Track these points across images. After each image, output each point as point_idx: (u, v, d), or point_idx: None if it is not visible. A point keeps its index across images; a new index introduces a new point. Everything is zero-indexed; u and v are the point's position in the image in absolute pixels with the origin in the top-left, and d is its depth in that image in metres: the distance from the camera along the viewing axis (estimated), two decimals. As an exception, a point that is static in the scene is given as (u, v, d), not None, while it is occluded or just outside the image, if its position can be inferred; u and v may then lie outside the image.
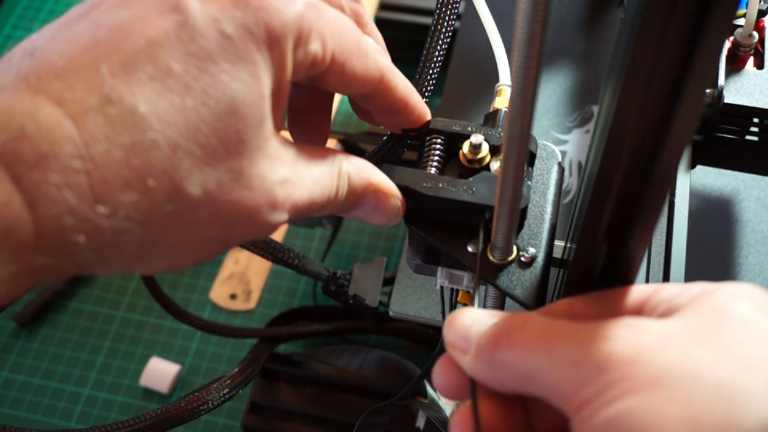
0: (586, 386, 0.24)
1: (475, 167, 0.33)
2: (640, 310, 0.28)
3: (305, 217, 0.29)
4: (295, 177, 0.28)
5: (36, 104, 0.22)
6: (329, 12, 0.28)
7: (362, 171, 0.31)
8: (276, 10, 0.25)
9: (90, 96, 0.23)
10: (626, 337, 0.25)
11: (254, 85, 0.25)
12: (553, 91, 0.61)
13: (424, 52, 0.35)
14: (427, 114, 0.34)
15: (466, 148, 0.33)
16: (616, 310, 0.28)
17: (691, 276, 0.43)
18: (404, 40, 0.71)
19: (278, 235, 0.70)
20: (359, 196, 0.31)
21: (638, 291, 0.28)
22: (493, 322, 0.28)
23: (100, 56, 0.23)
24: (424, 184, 0.32)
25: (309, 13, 0.27)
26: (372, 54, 0.30)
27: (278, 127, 0.28)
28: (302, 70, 0.27)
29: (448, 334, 0.29)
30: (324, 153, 0.30)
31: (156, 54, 0.24)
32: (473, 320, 0.28)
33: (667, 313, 0.26)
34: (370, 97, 0.31)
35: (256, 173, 0.26)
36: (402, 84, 0.32)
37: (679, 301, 0.27)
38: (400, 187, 0.32)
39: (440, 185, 0.32)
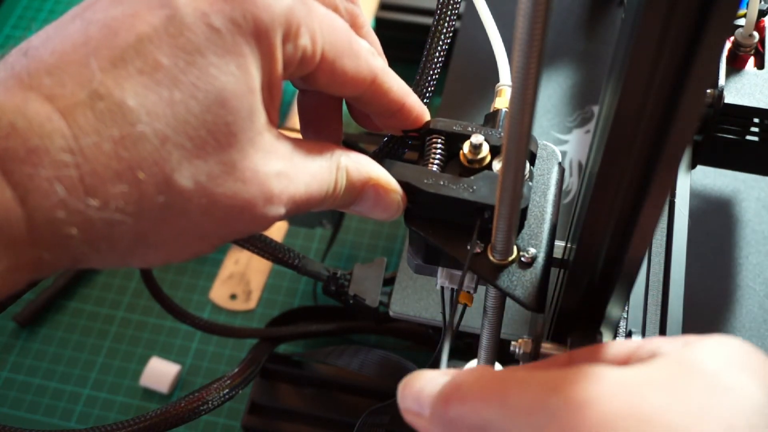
0: None
1: (475, 167, 0.33)
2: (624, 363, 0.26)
3: (304, 211, 0.29)
4: (292, 170, 0.28)
5: (26, 100, 0.23)
6: (319, 9, 0.28)
7: (361, 165, 0.31)
8: (264, 3, 0.26)
9: (79, 91, 0.23)
10: (580, 383, 0.23)
11: (243, 78, 0.25)
12: (553, 91, 0.61)
13: (425, 52, 0.35)
14: (425, 114, 0.34)
15: (466, 148, 0.33)
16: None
17: (691, 276, 0.43)
18: (404, 40, 0.71)
19: (278, 235, 0.70)
20: (358, 191, 0.31)
21: (622, 345, 0.27)
22: (442, 380, 0.27)
23: (90, 52, 0.24)
24: (425, 181, 0.32)
25: (298, 8, 0.27)
26: (364, 54, 0.30)
27: (273, 122, 0.28)
28: (293, 65, 0.27)
29: (403, 401, 0.28)
30: (322, 147, 0.30)
31: (145, 48, 0.24)
32: (426, 381, 0.28)
33: (637, 362, 0.25)
34: (364, 99, 0.31)
35: (249, 166, 0.26)
36: (397, 85, 0.32)
37: (659, 352, 0.25)
38: (401, 183, 0.32)
39: (441, 182, 0.32)
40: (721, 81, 0.46)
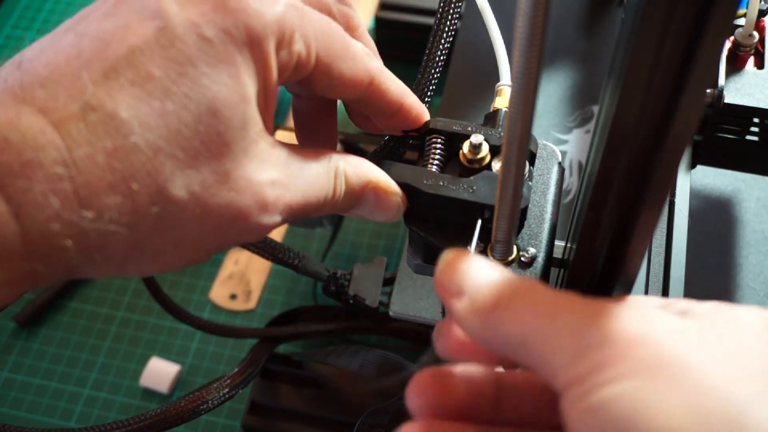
0: (581, 359, 0.23)
1: (475, 167, 0.33)
2: None
3: (303, 217, 0.29)
4: (287, 178, 0.28)
5: (19, 114, 0.23)
6: (313, 14, 0.28)
7: (360, 169, 0.31)
8: (256, 11, 0.26)
9: (72, 103, 0.23)
10: (636, 320, 0.24)
11: (235, 87, 0.25)
12: (553, 91, 0.61)
13: (426, 52, 0.35)
14: (424, 114, 0.34)
15: (466, 148, 0.33)
16: None
17: (691, 276, 0.43)
18: (405, 40, 0.71)
19: (278, 235, 0.70)
20: (358, 195, 0.31)
21: (650, 301, 0.28)
22: (495, 277, 0.26)
23: (82, 65, 0.24)
24: (425, 182, 0.32)
25: (290, 15, 0.27)
26: (360, 57, 0.30)
27: (269, 129, 0.28)
28: (288, 72, 0.27)
29: (444, 276, 0.27)
30: (319, 153, 0.30)
31: (136, 60, 0.24)
32: (475, 269, 0.27)
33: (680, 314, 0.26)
34: (362, 101, 0.31)
35: (242, 175, 0.26)
36: (394, 86, 0.32)
37: (693, 310, 0.26)
38: (400, 184, 0.32)
39: (441, 183, 0.32)
40: (721, 81, 0.46)
